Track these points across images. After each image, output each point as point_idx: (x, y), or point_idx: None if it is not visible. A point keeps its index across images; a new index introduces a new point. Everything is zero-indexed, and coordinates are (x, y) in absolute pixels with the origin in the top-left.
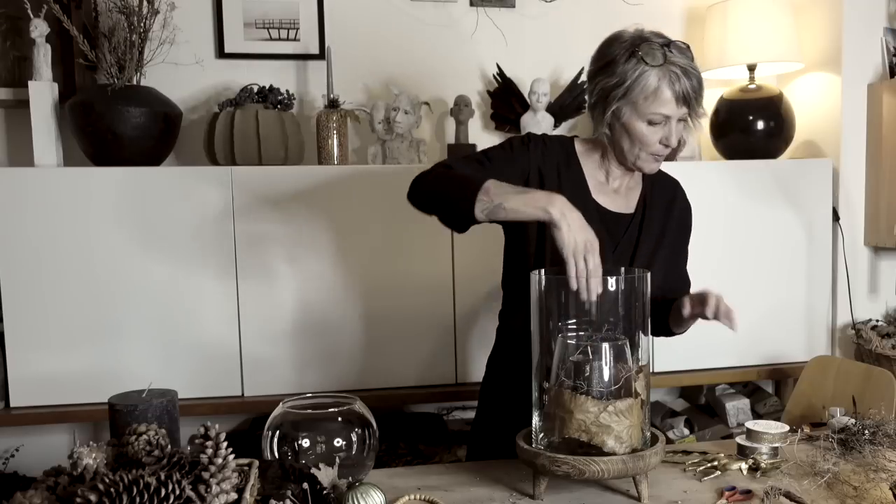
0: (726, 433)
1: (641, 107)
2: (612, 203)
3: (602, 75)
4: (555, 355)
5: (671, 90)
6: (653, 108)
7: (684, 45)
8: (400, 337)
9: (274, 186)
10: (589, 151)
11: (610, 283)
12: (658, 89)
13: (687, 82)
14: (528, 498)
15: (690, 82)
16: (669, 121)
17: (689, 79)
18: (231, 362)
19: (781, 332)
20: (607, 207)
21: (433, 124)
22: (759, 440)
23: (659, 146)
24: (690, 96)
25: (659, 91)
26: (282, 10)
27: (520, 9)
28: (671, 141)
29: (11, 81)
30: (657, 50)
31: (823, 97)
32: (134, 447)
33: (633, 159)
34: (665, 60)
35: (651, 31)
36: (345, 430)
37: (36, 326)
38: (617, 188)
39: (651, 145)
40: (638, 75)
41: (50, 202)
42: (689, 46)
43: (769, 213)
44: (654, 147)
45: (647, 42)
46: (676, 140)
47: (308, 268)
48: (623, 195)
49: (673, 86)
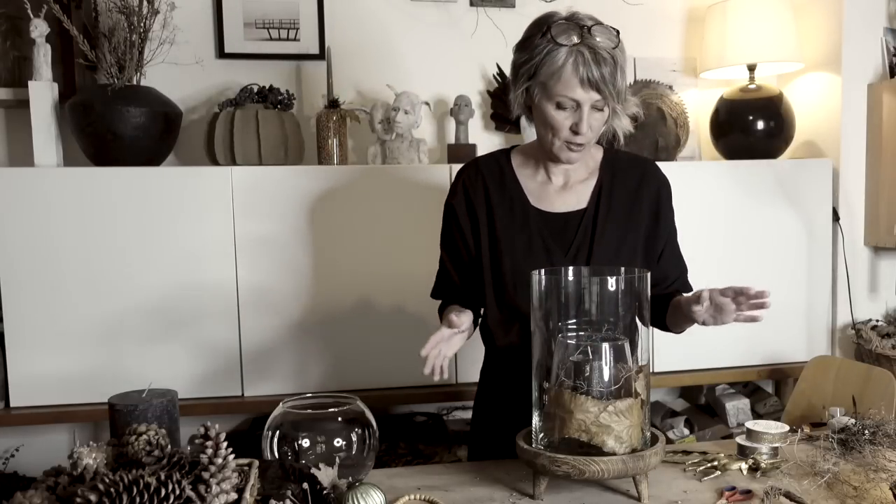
0: (726, 433)
1: (549, 88)
2: (559, 203)
3: (517, 52)
4: (555, 355)
5: (576, 72)
6: (558, 89)
7: (614, 30)
8: (400, 337)
9: (274, 186)
10: (526, 158)
11: (610, 283)
12: (562, 69)
13: (595, 67)
14: (528, 498)
15: (600, 68)
16: (581, 107)
17: (600, 64)
18: (231, 362)
19: (781, 332)
20: (551, 210)
21: (433, 124)
22: (759, 440)
23: (569, 133)
24: (598, 82)
25: (563, 71)
26: (282, 10)
27: (520, 9)
28: (580, 128)
29: (11, 81)
30: (572, 30)
31: (823, 97)
32: (134, 447)
33: (548, 147)
34: (580, 41)
35: (585, 13)
36: (345, 430)
37: (36, 326)
38: (564, 185)
39: (560, 130)
40: (546, 53)
41: (50, 202)
42: (618, 33)
43: (769, 213)
44: (563, 133)
45: (561, 21)
46: (587, 127)
47: (308, 268)
48: (573, 191)
49: (578, 68)
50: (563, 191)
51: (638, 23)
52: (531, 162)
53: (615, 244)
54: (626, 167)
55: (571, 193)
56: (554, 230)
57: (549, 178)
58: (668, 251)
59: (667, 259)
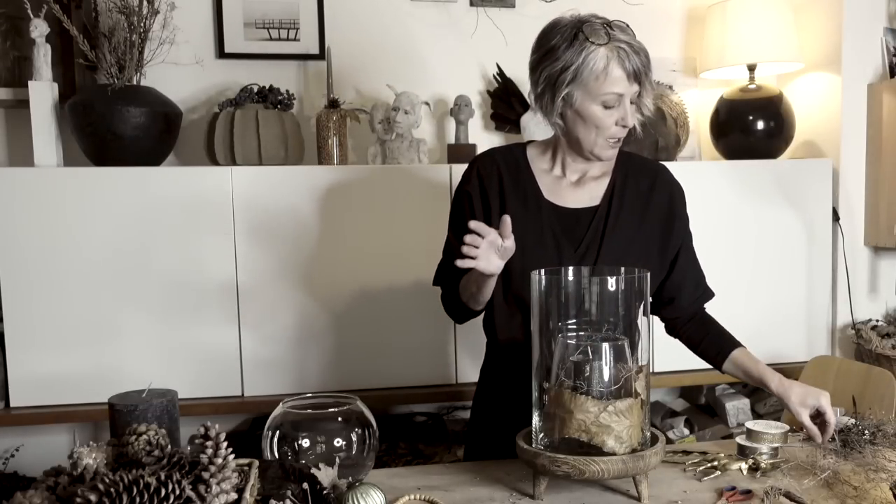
0: (726, 433)
1: (593, 88)
2: (572, 199)
3: (546, 62)
4: (555, 355)
5: (622, 67)
6: (605, 87)
7: (624, 23)
8: (400, 337)
9: (274, 186)
10: (541, 152)
11: (610, 283)
12: (608, 67)
13: (636, 58)
14: (528, 498)
15: (639, 57)
16: (623, 100)
17: (637, 54)
18: (231, 362)
19: (781, 332)
20: (563, 205)
21: (433, 124)
22: (759, 440)
23: (616, 128)
24: (641, 72)
25: (609, 69)
26: (282, 10)
27: (520, 9)
28: (627, 121)
29: (11, 81)
30: (600, 29)
31: (823, 97)
32: (134, 447)
33: (590, 147)
34: (610, 39)
35: (589, 13)
36: (345, 430)
37: (36, 326)
38: (577, 181)
39: (608, 128)
40: (585, 56)
41: (50, 202)
42: (628, 25)
43: (769, 213)
44: (611, 130)
45: (587, 23)
46: (633, 121)
47: (308, 268)
48: (586, 187)
49: (623, 63)
50: (577, 187)
51: (638, 23)
52: (547, 157)
53: (624, 244)
54: (639, 169)
55: (585, 190)
56: (566, 225)
57: (563, 174)
58: (682, 258)
59: (682, 267)
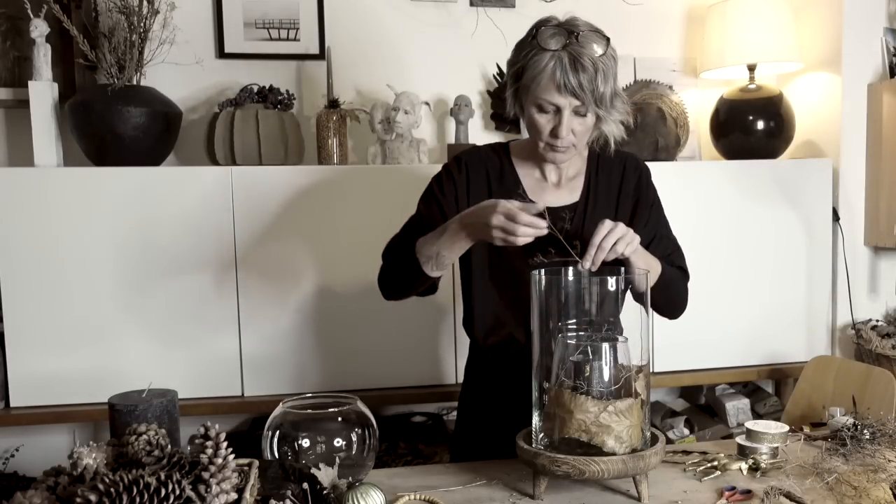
0: (726, 433)
1: (531, 91)
2: (554, 198)
3: (511, 57)
4: (555, 355)
5: (553, 78)
6: (538, 92)
7: (605, 39)
8: (400, 337)
9: (274, 186)
10: (524, 152)
11: (609, 283)
12: (542, 74)
13: (573, 74)
14: (528, 498)
15: (578, 75)
16: (562, 111)
17: (578, 71)
18: (231, 362)
19: (781, 332)
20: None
21: (433, 124)
22: (759, 440)
23: (550, 137)
24: (575, 88)
25: (542, 76)
26: (282, 10)
27: (520, 9)
28: (559, 132)
29: (11, 81)
30: (559, 35)
31: (823, 97)
32: (134, 447)
33: (539, 148)
34: (562, 47)
35: (583, 21)
36: (345, 430)
37: (36, 326)
38: (557, 181)
39: (541, 132)
40: (530, 58)
41: (50, 202)
42: (608, 41)
43: (769, 213)
44: (545, 135)
45: (546, 26)
46: (566, 132)
47: (308, 268)
48: (566, 187)
49: (556, 73)
50: (558, 188)
51: (638, 23)
52: (528, 158)
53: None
54: (609, 162)
55: (565, 190)
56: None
57: (543, 176)
58: (658, 236)
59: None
